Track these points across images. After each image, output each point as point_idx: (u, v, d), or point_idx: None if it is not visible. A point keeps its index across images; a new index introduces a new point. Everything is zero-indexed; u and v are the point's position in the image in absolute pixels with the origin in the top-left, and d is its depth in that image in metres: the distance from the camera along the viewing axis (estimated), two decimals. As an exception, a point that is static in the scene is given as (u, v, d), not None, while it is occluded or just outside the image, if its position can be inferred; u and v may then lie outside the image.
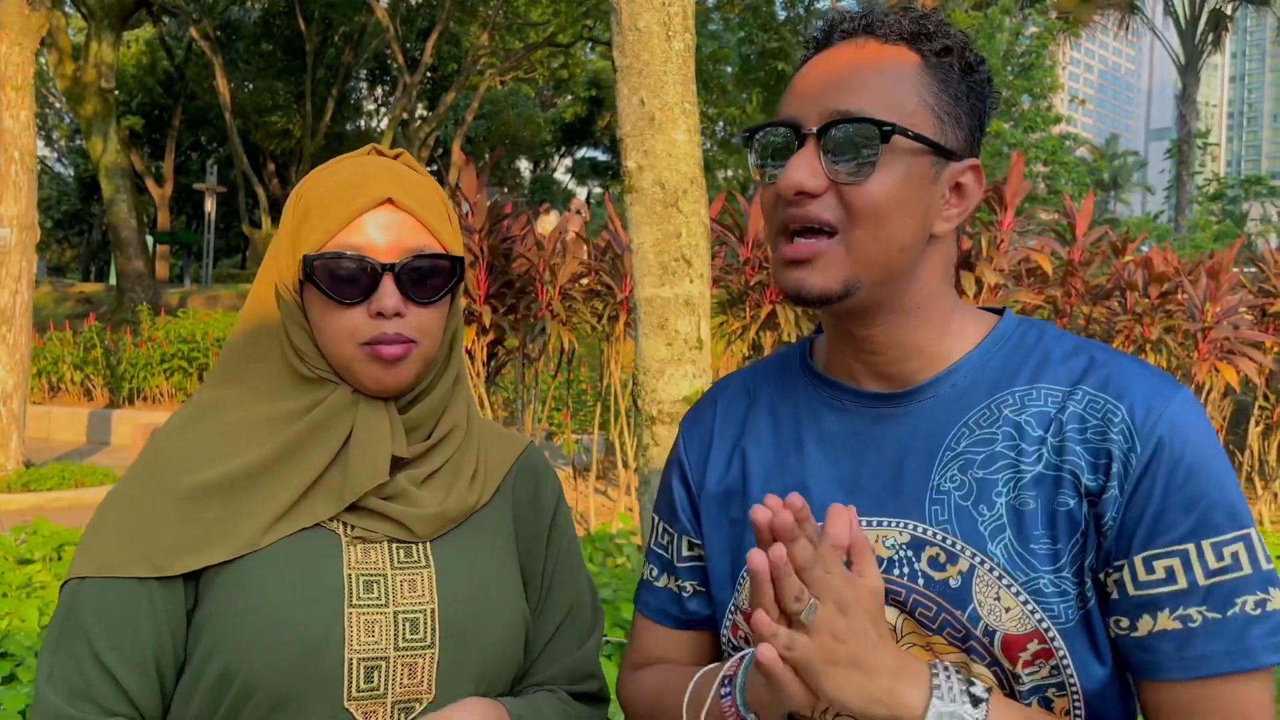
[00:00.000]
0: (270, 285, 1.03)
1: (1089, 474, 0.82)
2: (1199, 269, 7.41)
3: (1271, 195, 38.11)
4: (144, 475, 0.99)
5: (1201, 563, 0.80)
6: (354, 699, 0.93)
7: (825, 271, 0.85)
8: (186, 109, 30.92)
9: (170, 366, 12.79)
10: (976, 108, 0.88)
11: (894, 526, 0.87)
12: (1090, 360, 0.86)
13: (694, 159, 3.66)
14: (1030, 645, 0.82)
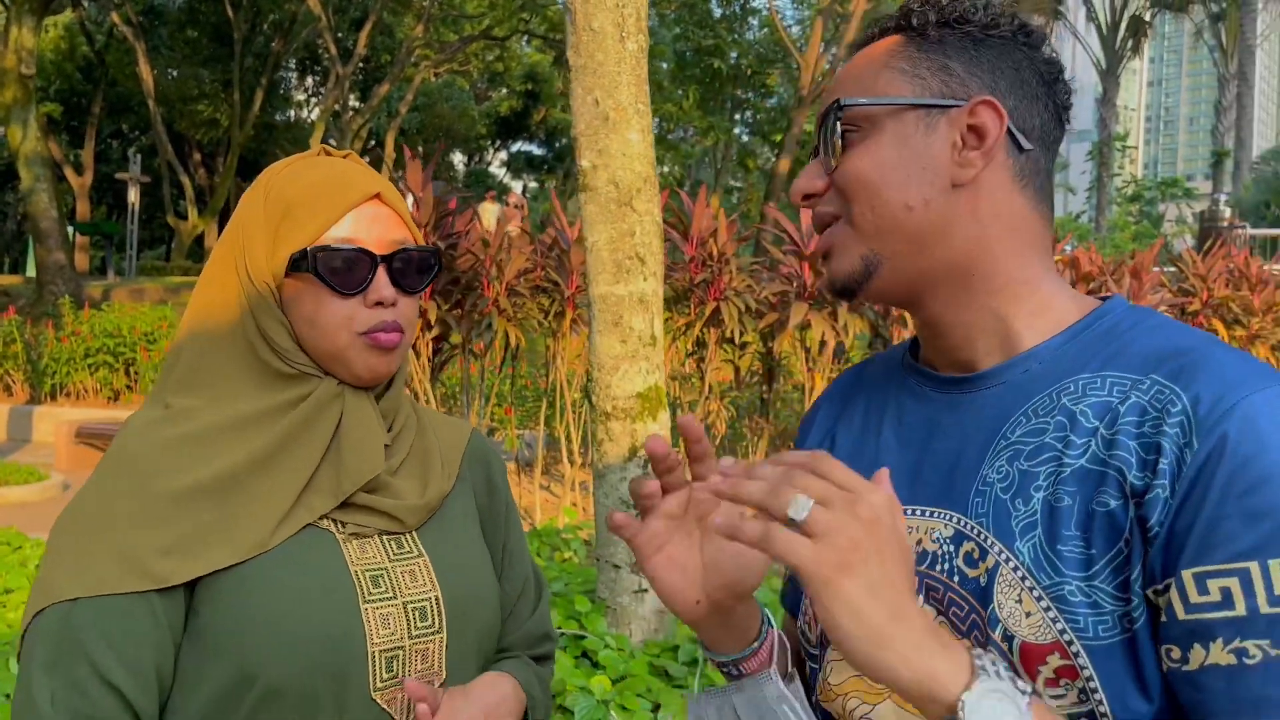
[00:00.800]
0: (230, 285, 1.02)
1: (1136, 471, 0.71)
2: (1122, 269, 7.68)
3: (1187, 197, 39.51)
4: (122, 482, 0.95)
5: (1266, 586, 0.66)
6: (378, 689, 0.96)
7: (841, 256, 0.85)
8: (107, 96, 29.99)
9: (95, 362, 12.43)
10: (985, 56, 0.83)
11: (941, 519, 0.82)
12: (1177, 348, 0.75)
13: (647, 159, 3.71)
14: (1050, 659, 0.73)
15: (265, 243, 1.01)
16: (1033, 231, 0.84)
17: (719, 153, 31.43)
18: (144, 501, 0.93)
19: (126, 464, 0.96)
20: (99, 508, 0.94)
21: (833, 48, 22.56)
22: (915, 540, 0.83)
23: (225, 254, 1.04)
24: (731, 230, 6.58)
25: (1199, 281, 8.17)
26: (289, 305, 1.01)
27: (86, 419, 10.52)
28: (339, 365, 1.02)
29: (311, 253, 0.99)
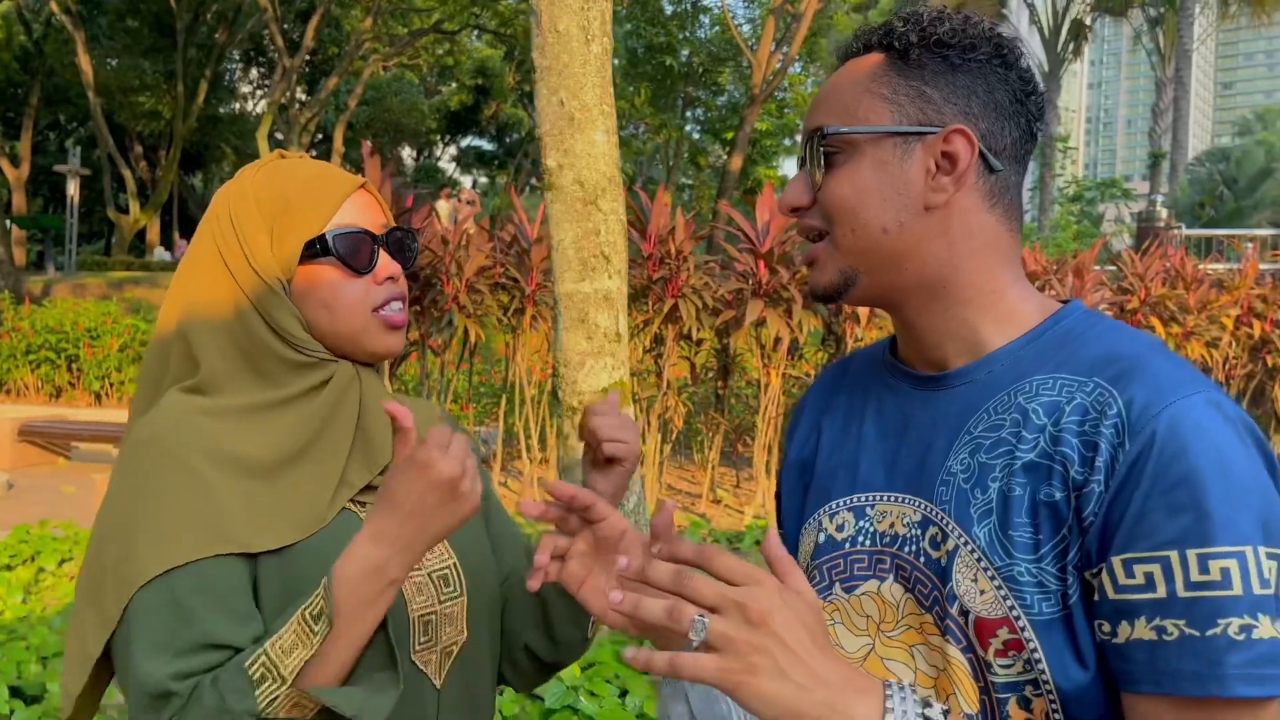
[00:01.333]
0: (221, 285, 1.05)
1: (1077, 466, 0.79)
2: (1065, 268, 7.92)
3: (1125, 198, 40.50)
4: (166, 466, 0.97)
5: (1184, 573, 0.74)
6: (417, 651, 1.04)
7: (823, 269, 0.92)
8: (45, 86, 29.24)
9: (37, 358, 12.19)
10: (962, 81, 0.88)
11: (911, 504, 0.90)
12: (1120, 354, 0.83)
13: (612, 159, 3.78)
14: (1000, 632, 0.81)
15: (268, 237, 1.05)
16: (1001, 245, 0.91)
17: (671, 150, 31.56)
18: (197, 481, 0.96)
19: (162, 448, 0.98)
20: (150, 492, 0.96)
21: (784, 47, 22.77)
22: (889, 524, 0.92)
23: (209, 254, 1.07)
24: (688, 228, 6.67)
25: (1137, 280, 8.44)
26: (301, 294, 1.05)
27: (30, 417, 10.32)
28: (354, 345, 1.07)
29: (329, 238, 1.05)
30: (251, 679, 0.88)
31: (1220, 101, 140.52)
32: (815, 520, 0.99)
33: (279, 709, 0.88)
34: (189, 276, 1.09)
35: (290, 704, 0.89)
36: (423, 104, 33.85)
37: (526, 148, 37.68)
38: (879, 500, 0.93)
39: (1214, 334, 8.53)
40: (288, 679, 0.88)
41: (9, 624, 4.16)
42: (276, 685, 0.88)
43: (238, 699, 0.87)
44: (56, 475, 9.31)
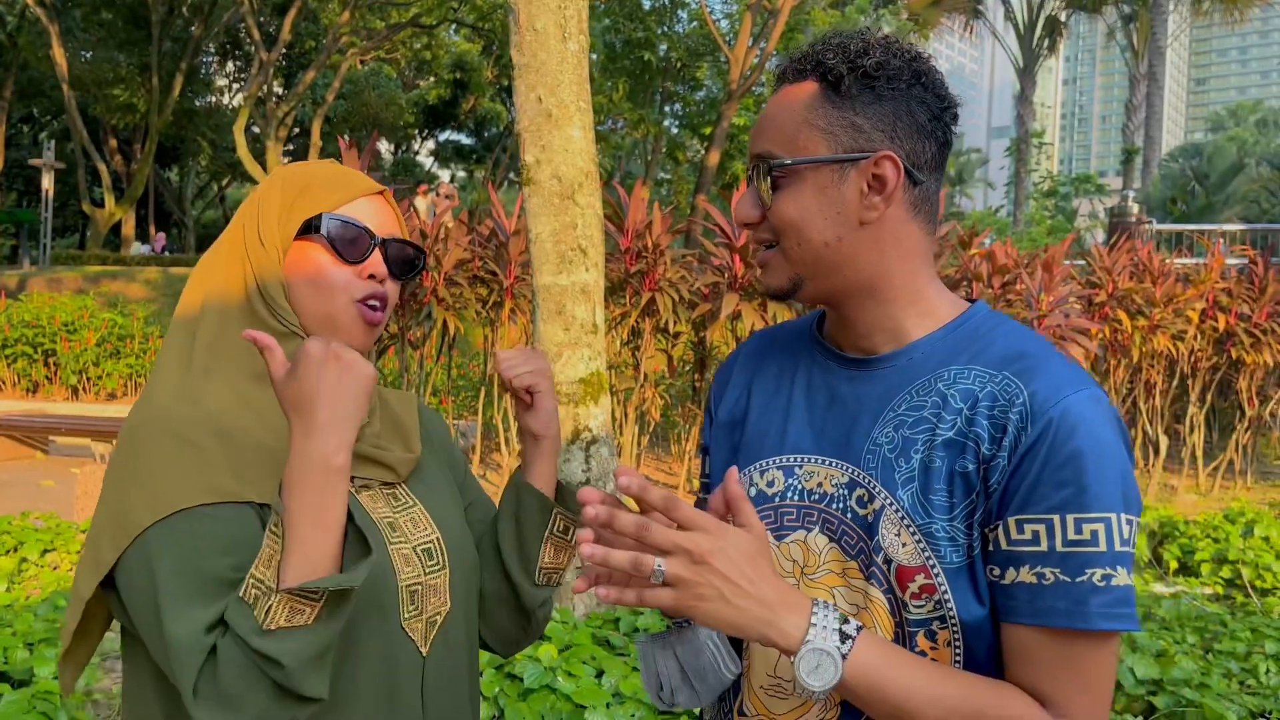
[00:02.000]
0: (237, 261, 1.14)
1: (988, 444, 0.95)
2: (1035, 262, 8.06)
3: (1099, 193, 40.89)
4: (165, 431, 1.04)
5: (1063, 532, 0.92)
6: (405, 621, 1.12)
7: (773, 274, 1.07)
8: (18, 79, 28.96)
9: (14, 353, 12.13)
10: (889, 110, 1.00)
11: (839, 468, 1.05)
12: (1023, 352, 1.00)
13: (589, 154, 3.87)
14: (918, 578, 0.97)
15: (279, 213, 1.14)
16: (922, 249, 1.06)
17: (649, 145, 31.61)
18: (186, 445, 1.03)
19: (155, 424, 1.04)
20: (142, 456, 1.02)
21: (761, 42, 22.88)
22: (816, 483, 1.07)
23: (235, 235, 1.16)
24: (666, 223, 6.77)
25: (1105, 274, 8.60)
26: (292, 268, 1.13)
27: (7, 411, 10.29)
28: (327, 329, 1.14)
29: (324, 219, 1.13)
30: (248, 602, 0.93)
31: (1193, 98, 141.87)
32: (746, 476, 1.12)
33: (278, 617, 0.92)
34: (212, 258, 1.17)
35: (287, 610, 0.92)
36: (400, 98, 33.73)
37: (505, 142, 37.62)
38: (807, 461, 1.08)
39: (1180, 327, 8.70)
40: (274, 588, 0.93)
41: (-7, 612, 4.21)
42: (267, 596, 0.93)
43: (241, 623, 0.92)
44: (34, 469, 9.31)
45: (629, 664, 3.38)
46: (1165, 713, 3.52)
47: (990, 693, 0.95)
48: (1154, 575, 6.18)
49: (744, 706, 1.10)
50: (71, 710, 3.11)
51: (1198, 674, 3.77)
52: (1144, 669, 3.75)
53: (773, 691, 1.07)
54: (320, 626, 0.95)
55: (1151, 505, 7.56)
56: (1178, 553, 6.27)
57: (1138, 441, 9.80)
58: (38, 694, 3.12)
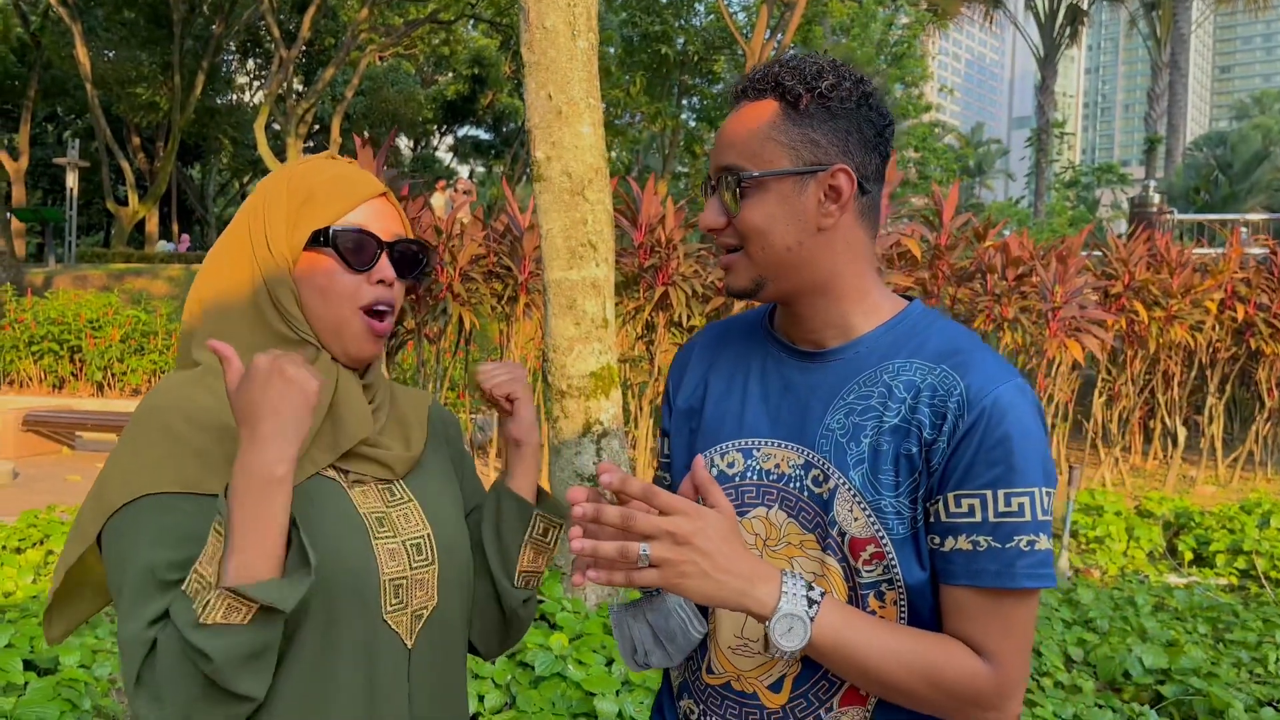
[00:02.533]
0: (244, 262, 1.18)
1: (929, 429, 1.08)
2: (1051, 253, 8.04)
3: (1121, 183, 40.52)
4: (155, 421, 1.09)
5: (995, 505, 1.06)
6: (388, 613, 1.14)
7: (738, 275, 1.17)
8: (42, 79, 29.26)
9: (40, 349, 12.30)
10: (841, 126, 1.12)
11: (795, 450, 1.16)
12: (957, 348, 1.12)
13: (598, 150, 3.92)
14: (869, 548, 1.10)
15: (286, 222, 1.17)
16: (868, 252, 1.18)
17: (666, 138, 31.61)
18: (168, 436, 1.08)
19: (149, 415, 1.10)
20: (129, 444, 1.08)
21: (778, 34, 22.82)
22: (774, 464, 1.17)
23: (240, 235, 1.19)
24: (679, 217, 6.80)
25: (1121, 265, 8.57)
26: (302, 277, 1.17)
27: (34, 407, 10.46)
28: (336, 339, 1.18)
29: (332, 231, 1.17)
30: (188, 595, 0.97)
31: (1217, 86, 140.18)
32: (707, 457, 1.22)
33: (215, 613, 0.96)
34: (218, 256, 1.20)
35: (224, 607, 0.96)
36: (419, 94, 33.87)
37: (523, 137, 37.67)
38: (764, 445, 1.19)
39: (1198, 317, 8.66)
40: (213, 583, 0.97)
41: (21, 602, 4.31)
42: (206, 591, 0.97)
43: (180, 615, 0.97)
44: (61, 464, 9.47)
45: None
46: (1173, 701, 3.54)
47: (936, 645, 1.08)
48: (1168, 566, 6.17)
49: (711, 665, 1.21)
50: (96, 698, 3.20)
51: (1206, 663, 3.78)
52: (1152, 658, 3.77)
53: (740, 651, 1.18)
54: (254, 628, 0.98)
55: (1169, 496, 7.54)
56: (1193, 544, 6.27)
57: (1156, 433, 9.75)
58: (63, 681, 3.21)
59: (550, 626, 3.64)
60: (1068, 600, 4.79)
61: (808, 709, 1.15)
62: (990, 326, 7.71)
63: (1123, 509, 6.78)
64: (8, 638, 3.53)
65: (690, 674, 1.25)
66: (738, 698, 1.19)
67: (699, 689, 1.23)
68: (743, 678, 1.18)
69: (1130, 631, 4.27)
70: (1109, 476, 8.73)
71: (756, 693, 1.17)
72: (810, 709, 1.15)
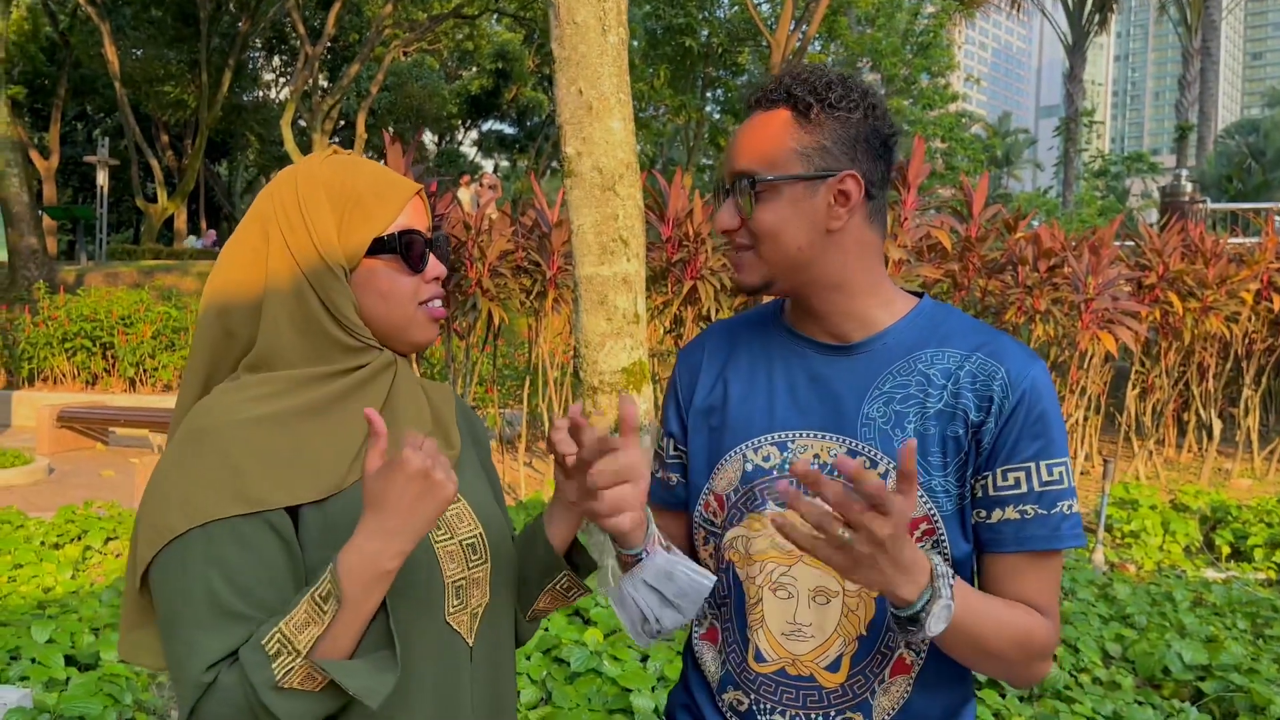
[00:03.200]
0: (279, 265, 1.14)
1: (975, 412, 1.18)
2: (1083, 244, 7.94)
3: (1152, 171, 40.04)
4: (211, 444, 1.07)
5: (1039, 476, 1.17)
6: (451, 614, 1.15)
7: (750, 273, 1.24)
8: (72, 78, 29.57)
9: (73, 346, 12.45)
10: (849, 135, 1.19)
11: (835, 440, 1.22)
12: (984, 337, 1.23)
13: (629, 145, 3.90)
14: (921, 525, 1.19)
15: (334, 226, 1.15)
16: (878, 250, 1.26)
17: (691, 131, 31.53)
18: (226, 447, 1.06)
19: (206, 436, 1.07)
20: (187, 465, 1.06)
21: (803, 26, 22.69)
22: (812, 454, 1.22)
23: (263, 236, 1.16)
24: (707, 211, 6.78)
25: (1155, 256, 8.46)
26: (361, 283, 1.16)
27: (67, 403, 10.59)
28: (399, 335, 1.19)
29: (399, 237, 1.17)
30: (268, 654, 0.97)
31: (1249, 73, 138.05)
32: (738, 453, 1.27)
33: (293, 679, 0.97)
34: (236, 257, 1.17)
35: (303, 675, 0.98)
36: (443, 89, 33.99)
37: (547, 131, 37.72)
38: (800, 437, 1.24)
39: (1233, 308, 8.53)
40: (302, 652, 0.97)
41: (61, 598, 4.37)
42: (291, 658, 0.97)
43: (256, 671, 0.97)
44: (95, 460, 9.59)
45: (673, 648, 3.43)
46: (1213, 698, 3.50)
47: (1019, 609, 1.17)
48: (1205, 560, 6.10)
49: (760, 653, 1.25)
50: (137, 693, 3.23)
51: (1247, 659, 3.74)
52: (1192, 654, 3.72)
53: (793, 636, 1.24)
54: (326, 695, 1.00)
55: (1204, 490, 7.44)
56: (1230, 538, 6.19)
57: (1190, 425, 9.63)
58: (104, 677, 3.25)
59: (585, 622, 3.64)
60: (1104, 595, 4.74)
61: (865, 684, 1.22)
62: (1022, 319, 7.63)
63: (1158, 503, 6.70)
64: (49, 633, 3.57)
65: (734, 664, 1.28)
66: (793, 682, 1.23)
67: (747, 679, 1.26)
68: (797, 662, 1.23)
69: (1169, 627, 4.22)
70: (1143, 470, 8.63)
71: (813, 675, 1.22)
72: (867, 683, 1.22)
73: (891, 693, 1.22)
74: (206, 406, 1.11)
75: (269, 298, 1.15)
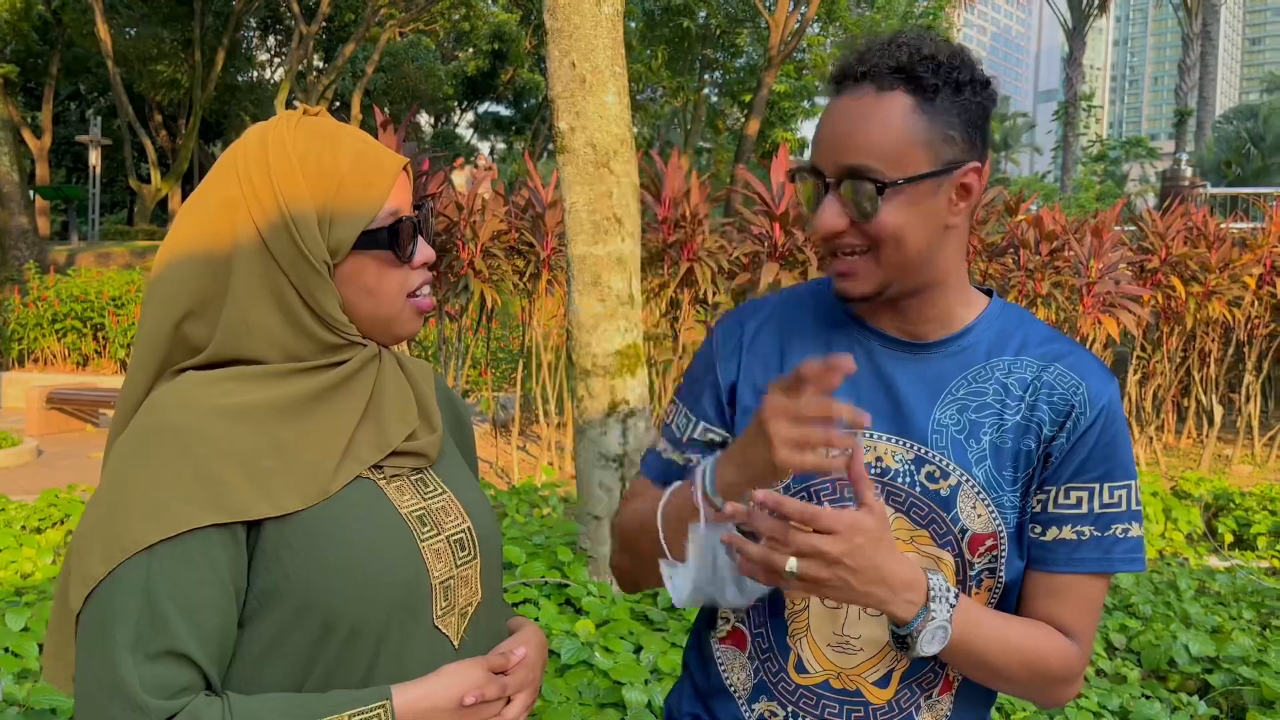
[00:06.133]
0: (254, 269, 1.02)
1: (1050, 426, 1.11)
2: (1084, 228, 7.85)
3: (1150, 156, 39.88)
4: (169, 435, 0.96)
5: (1100, 497, 1.12)
6: (438, 617, 1.06)
7: (863, 281, 1.11)
8: (64, 56, 29.29)
9: (63, 327, 12.32)
10: (971, 119, 1.07)
11: (902, 444, 1.13)
12: (1062, 348, 1.16)
13: (624, 121, 3.78)
14: (988, 542, 1.12)
15: (315, 218, 1.02)
16: (967, 243, 1.17)
17: (688, 113, 31.32)
18: (197, 454, 0.95)
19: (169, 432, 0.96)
20: (148, 462, 0.95)
21: (801, 7, 22.48)
22: (875, 456, 1.13)
23: (229, 218, 1.02)
24: (704, 192, 6.66)
25: (1158, 240, 8.36)
26: (346, 278, 1.05)
27: (57, 384, 10.48)
28: (384, 328, 1.08)
29: (387, 229, 1.05)
30: None
31: (1248, 58, 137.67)
32: None
33: None
34: (193, 237, 1.04)
35: None
36: (439, 70, 33.70)
37: (543, 113, 37.46)
38: (863, 436, 1.13)
39: (1236, 293, 8.44)
40: None
41: (40, 584, 4.26)
42: None
43: None
44: (85, 442, 9.48)
45: (667, 640, 3.33)
46: (1221, 691, 3.41)
47: (1039, 633, 1.12)
48: (1208, 548, 6.02)
49: (803, 664, 1.18)
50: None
51: (1254, 651, 3.65)
52: (1199, 646, 3.64)
53: (840, 648, 1.16)
54: None
55: (1206, 477, 7.36)
56: (1233, 525, 6.11)
57: (1191, 410, 9.55)
58: (81, 666, 3.15)
59: (576, 612, 3.55)
60: (1106, 584, 4.66)
61: (911, 700, 1.16)
62: (1023, 302, 7.54)
63: (1159, 490, 6.62)
64: (24, 620, 3.47)
65: (770, 674, 1.19)
66: (837, 695, 1.16)
67: (786, 690, 1.18)
68: (844, 675, 1.16)
69: (1173, 618, 4.13)
70: (1143, 455, 8.56)
71: (860, 689, 1.16)
72: (913, 699, 1.16)
73: (936, 710, 1.17)
74: (170, 399, 0.99)
75: (239, 290, 1.02)
